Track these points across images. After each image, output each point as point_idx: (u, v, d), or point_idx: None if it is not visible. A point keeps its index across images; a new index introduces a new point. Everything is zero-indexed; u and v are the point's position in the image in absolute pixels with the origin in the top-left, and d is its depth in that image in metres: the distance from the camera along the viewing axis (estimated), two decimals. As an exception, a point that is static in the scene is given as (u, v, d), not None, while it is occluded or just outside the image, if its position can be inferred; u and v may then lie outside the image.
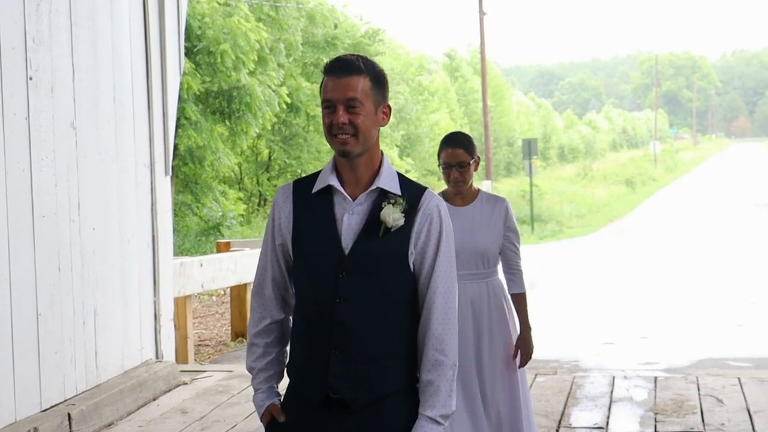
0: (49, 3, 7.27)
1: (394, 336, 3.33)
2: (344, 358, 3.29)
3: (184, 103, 22.86)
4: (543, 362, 10.10)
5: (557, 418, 7.70)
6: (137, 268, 8.51)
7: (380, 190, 3.34)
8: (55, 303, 7.28)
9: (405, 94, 39.16)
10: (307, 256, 3.36)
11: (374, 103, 3.32)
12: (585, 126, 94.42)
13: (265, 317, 3.52)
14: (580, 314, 14.68)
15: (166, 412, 7.94)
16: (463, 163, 5.26)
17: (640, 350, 11.26)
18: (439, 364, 3.31)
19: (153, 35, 8.72)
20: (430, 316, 3.33)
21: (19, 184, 6.86)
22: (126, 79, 8.37)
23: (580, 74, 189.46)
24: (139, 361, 8.56)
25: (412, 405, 3.35)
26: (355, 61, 3.32)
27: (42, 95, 7.15)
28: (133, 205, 8.47)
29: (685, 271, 19.90)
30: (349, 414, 3.31)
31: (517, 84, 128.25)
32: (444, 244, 3.36)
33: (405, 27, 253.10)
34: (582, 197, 47.40)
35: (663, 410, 7.90)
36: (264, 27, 25.01)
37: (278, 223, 3.45)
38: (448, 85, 59.14)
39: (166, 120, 8.92)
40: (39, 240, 7.07)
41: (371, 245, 3.29)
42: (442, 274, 3.35)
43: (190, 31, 23.31)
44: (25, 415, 6.89)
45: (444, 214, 3.39)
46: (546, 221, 36.93)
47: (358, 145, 3.29)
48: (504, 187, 47.53)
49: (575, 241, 30.72)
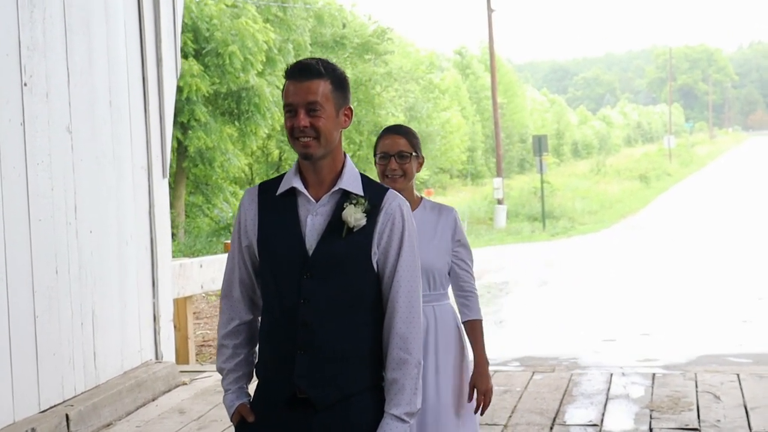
0: (43, 10, 7.35)
1: (358, 335, 3.38)
2: (309, 358, 3.34)
3: (193, 105, 22.99)
4: (541, 360, 10.16)
5: (552, 416, 7.74)
6: (135, 270, 8.59)
7: (343, 191, 3.40)
8: (53, 305, 7.36)
9: (415, 92, 39.19)
10: (272, 257, 3.43)
11: (335, 105, 3.38)
12: (599, 121, 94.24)
13: (234, 318, 3.58)
14: (584, 311, 14.72)
15: (165, 413, 8.01)
16: (403, 153, 4.48)
17: (640, 347, 11.29)
18: (403, 362, 3.36)
19: (149, 38, 8.80)
20: (394, 315, 3.38)
21: (14, 188, 6.94)
22: (122, 83, 8.44)
23: (594, 69, 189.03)
24: (139, 362, 8.63)
25: (377, 403, 3.41)
26: (315, 65, 3.38)
27: (37, 101, 7.23)
28: (131, 208, 8.55)
29: (695, 267, 19.90)
30: (315, 413, 3.36)
31: (530, 80, 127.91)
32: (406, 243, 3.41)
33: (416, 25, 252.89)
34: (595, 193, 47.38)
35: (659, 407, 7.93)
36: (272, 28, 25.12)
37: (244, 225, 3.51)
38: (460, 82, 59.17)
39: (163, 123, 8.99)
40: (35, 243, 7.16)
41: (334, 246, 3.35)
42: (405, 273, 3.40)
43: (199, 33, 23.44)
44: (24, 416, 6.97)
45: (407, 214, 3.44)
46: (558, 218, 36.94)
47: (320, 147, 3.36)
48: (516, 184, 47.53)
49: (587, 238, 30.74)
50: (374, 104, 31.49)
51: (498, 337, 12.59)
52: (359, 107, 31.12)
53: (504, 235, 32.93)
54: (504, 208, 36.32)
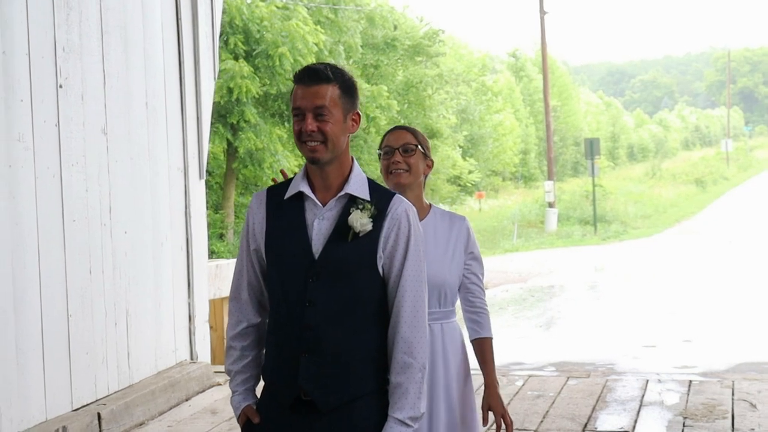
0: (79, 12, 7.43)
1: (363, 339, 3.40)
2: (314, 360, 3.37)
3: (243, 106, 23.14)
4: (578, 365, 10.09)
5: (583, 421, 7.68)
6: (171, 271, 8.66)
7: (349, 195, 3.42)
8: (86, 304, 7.44)
9: (467, 95, 39.10)
10: (279, 260, 3.45)
11: (343, 110, 3.40)
12: (655, 125, 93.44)
13: (242, 321, 3.61)
14: (628, 317, 14.60)
15: (197, 413, 8.06)
16: (408, 146, 4.19)
17: (680, 354, 11.17)
18: (407, 366, 3.38)
19: (186, 40, 8.86)
20: (399, 319, 3.40)
21: (49, 189, 7.03)
22: (158, 85, 8.51)
23: (652, 72, 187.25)
24: (173, 362, 8.70)
25: (381, 407, 3.42)
26: (323, 69, 3.40)
27: (72, 102, 7.31)
28: (167, 209, 8.62)
29: (746, 274, 19.66)
30: (319, 416, 3.39)
31: (586, 82, 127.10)
32: (412, 248, 3.43)
33: (470, 27, 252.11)
34: (649, 197, 47.02)
35: (693, 415, 7.85)
36: (322, 30, 25.19)
37: (252, 228, 3.54)
38: (513, 84, 58.97)
39: (200, 124, 9.05)
40: (69, 243, 7.24)
41: (340, 250, 3.37)
42: (411, 278, 3.42)
43: (249, 34, 23.59)
44: (56, 414, 7.05)
45: (413, 219, 3.45)
46: (610, 222, 36.69)
47: (327, 152, 3.38)
48: (568, 187, 47.26)
49: (638, 242, 30.52)
50: (425, 107, 31.46)
51: (537, 342, 12.54)
52: (410, 109, 31.12)
53: (554, 238, 32.76)
54: (555, 212, 36.14)
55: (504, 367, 10.23)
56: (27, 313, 6.73)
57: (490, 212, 41.47)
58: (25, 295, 6.71)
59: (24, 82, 6.77)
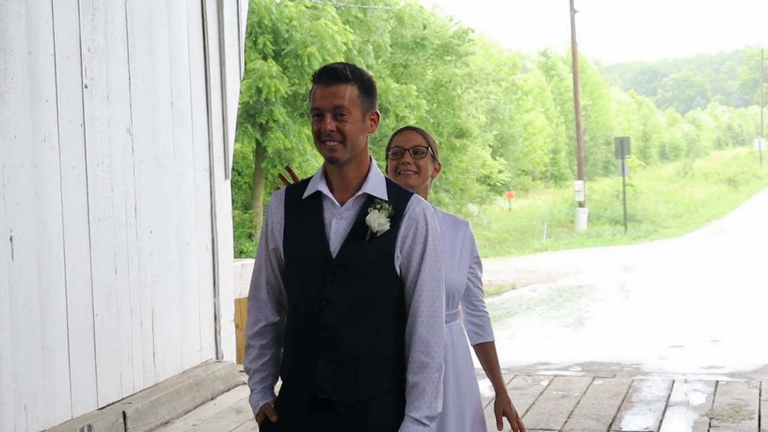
0: (105, 12, 7.48)
1: (380, 339, 3.41)
2: (331, 359, 3.38)
3: (272, 106, 23.17)
4: (604, 365, 10.06)
5: (608, 421, 7.65)
6: (196, 270, 8.70)
7: (367, 195, 3.42)
8: (112, 304, 7.48)
9: (497, 94, 39.00)
10: (297, 259, 3.46)
11: (362, 110, 3.41)
12: (688, 123, 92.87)
13: (261, 320, 3.63)
14: (656, 317, 14.52)
15: (222, 412, 8.10)
16: (419, 148, 4.13)
17: (708, 354, 11.09)
18: (424, 366, 3.38)
19: (212, 40, 8.90)
20: (416, 319, 3.41)
21: (74, 188, 7.07)
22: (184, 85, 8.55)
23: (685, 71, 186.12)
24: (199, 361, 8.74)
25: (398, 406, 3.43)
26: (342, 69, 3.41)
27: (97, 102, 7.36)
28: (192, 209, 8.65)
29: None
30: (336, 414, 3.39)
31: (618, 81, 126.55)
32: (430, 248, 3.43)
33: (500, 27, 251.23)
34: (680, 197, 46.78)
35: (719, 415, 7.80)
36: (351, 29, 25.18)
37: (271, 227, 3.56)
38: (544, 84, 58.79)
39: (226, 124, 9.09)
40: (95, 243, 7.28)
41: (358, 249, 3.38)
42: (428, 278, 3.42)
43: (278, 34, 23.61)
44: (81, 412, 7.10)
45: (430, 219, 3.46)
46: (640, 221, 36.52)
47: (345, 151, 3.39)
48: (599, 187, 47.09)
49: (669, 242, 30.37)
50: (454, 106, 31.35)
51: (564, 342, 12.50)
52: (439, 108, 31.02)
53: (584, 238, 32.64)
54: (585, 211, 36.00)
55: (529, 367, 10.22)
56: (53, 312, 6.79)
57: (519, 212, 41.38)
58: (50, 294, 6.76)
59: (49, 82, 6.82)
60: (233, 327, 9.27)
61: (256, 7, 22.66)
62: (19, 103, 6.49)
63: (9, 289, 6.32)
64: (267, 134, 23.81)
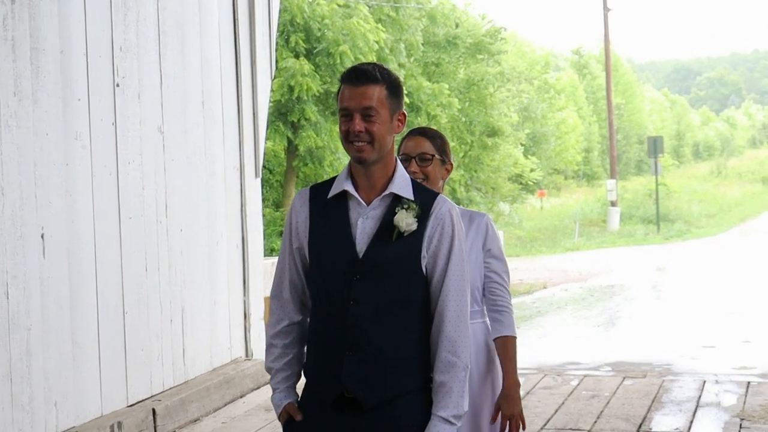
0: (137, 12, 7.52)
1: (406, 338, 3.42)
2: (358, 358, 3.39)
3: (303, 104, 23.22)
4: (634, 365, 10.00)
5: (638, 422, 7.62)
6: (226, 269, 8.73)
7: (393, 195, 3.43)
8: (142, 302, 7.53)
9: (530, 92, 38.90)
10: (323, 259, 3.47)
11: (389, 111, 3.42)
12: (722, 122, 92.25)
13: (283, 319, 3.63)
14: (688, 317, 14.44)
15: (251, 410, 8.12)
16: (425, 156, 4.16)
17: (739, 355, 11.01)
18: (452, 365, 3.39)
19: (243, 40, 8.94)
20: (443, 318, 3.41)
21: (105, 186, 7.12)
22: (215, 84, 8.59)
23: (719, 69, 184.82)
24: (228, 359, 8.77)
25: (425, 405, 3.43)
26: (371, 70, 3.42)
27: (129, 101, 7.40)
28: (223, 207, 8.69)
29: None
30: (363, 413, 3.40)
31: (651, 80, 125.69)
32: (456, 248, 3.44)
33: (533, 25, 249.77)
34: (714, 196, 46.50)
35: (750, 416, 7.75)
36: (383, 28, 25.19)
37: (295, 227, 3.56)
38: (576, 82, 58.57)
39: (257, 123, 9.12)
40: (125, 241, 7.33)
41: (385, 249, 3.39)
42: (455, 278, 3.43)
43: (310, 32, 23.66)
44: (111, 409, 7.15)
45: (456, 219, 3.47)
46: (673, 221, 36.32)
47: (373, 152, 3.39)
48: (632, 186, 46.87)
49: (702, 242, 30.17)
50: (486, 105, 31.29)
51: (594, 342, 12.44)
52: (470, 107, 30.97)
53: (616, 237, 32.49)
54: (617, 210, 35.84)
55: (559, 366, 10.19)
56: (83, 310, 6.83)
57: (551, 211, 41.26)
58: (81, 291, 6.81)
59: (81, 81, 6.87)
60: (263, 325, 9.30)
61: (288, 6, 22.71)
62: (51, 102, 6.53)
63: (40, 287, 6.37)
64: (298, 132, 23.87)
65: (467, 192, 31.34)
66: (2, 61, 6.11)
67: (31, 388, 6.27)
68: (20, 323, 6.19)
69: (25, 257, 6.25)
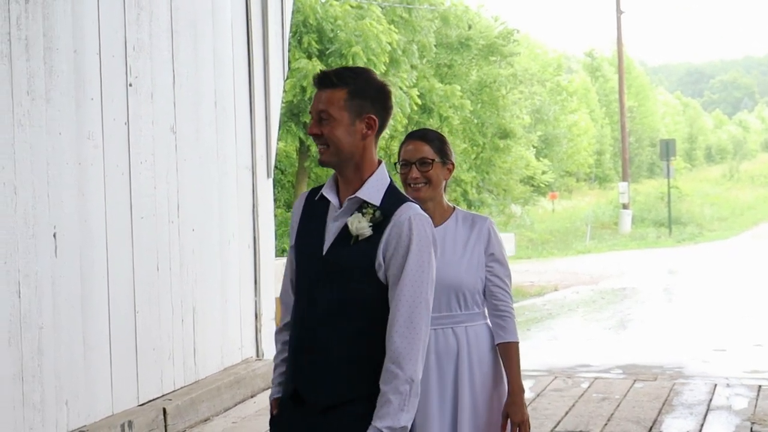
0: (150, 12, 7.54)
1: (358, 343, 3.39)
2: (309, 360, 3.42)
3: (316, 106, 23.22)
4: (645, 368, 9.99)
5: (648, 425, 7.61)
6: (238, 269, 8.75)
7: (360, 199, 3.42)
8: (153, 301, 7.54)
9: (542, 95, 38.85)
10: (299, 259, 3.55)
11: (350, 114, 3.38)
12: (735, 125, 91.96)
13: (285, 317, 3.70)
14: (699, 320, 14.41)
15: (261, 410, 8.13)
16: (425, 160, 4.15)
17: (751, 358, 10.98)
18: (393, 376, 3.30)
19: (256, 40, 8.95)
20: (392, 328, 3.34)
21: (117, 186, 7.14)
22: (227, 85, 8.60)
23: (732, 72, 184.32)
24: (239, 358, 8.78)
25: (368, 413, 3.35)
26: (330, 75, 3.42)
27: (142, 101, 7.42)
28: (234, 207, 8.70)
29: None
30: (313, 415, 3.42)
31: (664, 83, 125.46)
32: (413, 256, 3.35)
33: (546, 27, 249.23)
34: (726, 199, 46.38)
35: (761, 420, 7.74)
36: (396, 29, 25.18)
37: (292, 227, 3.65)
38: (589, 85, 58.45)
39: (269, 124, 9.14)
40: (137, 240, 7.34)
41: (341, 253, 3.40)
42: (408, 287, 3.34)
43: (323, 33, 23.68)
44: (122, 408, 7.16)
45: (417, 226, 3.36)
46: (685, 224, 36.24)
47: (331, 155, 3.40)
48: (644, 189, 46.77)
49: (714, 245, 30.11)
50: (498, 106, 31.24)
51: (605, 344, 12.43)
52: (483, 109, 30.91)
53: (628, 240, 32.44)
54: (629, 213, 35.78)
55: (570, 369, 10.18)
56: (94, 309, 6.85)
57: (563, 213, 41.19)
58: (92, 290, 6.83)
59: (94, 80, 6.88)
60: (274, 325, 9.30)
61: (301, 7, 22.73)
62: (64, 101, 6.55)
63: (52, 286, 6.39)
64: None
65: (479, 194, 31.28)
66: (16, 60, 6.12)
67: (42, 387, 6.29)
68: (32, 322, 6.21)
69: (37, 256, 6.27)
